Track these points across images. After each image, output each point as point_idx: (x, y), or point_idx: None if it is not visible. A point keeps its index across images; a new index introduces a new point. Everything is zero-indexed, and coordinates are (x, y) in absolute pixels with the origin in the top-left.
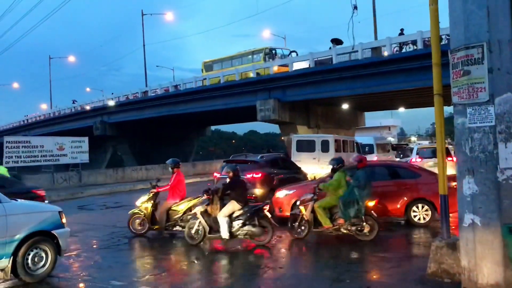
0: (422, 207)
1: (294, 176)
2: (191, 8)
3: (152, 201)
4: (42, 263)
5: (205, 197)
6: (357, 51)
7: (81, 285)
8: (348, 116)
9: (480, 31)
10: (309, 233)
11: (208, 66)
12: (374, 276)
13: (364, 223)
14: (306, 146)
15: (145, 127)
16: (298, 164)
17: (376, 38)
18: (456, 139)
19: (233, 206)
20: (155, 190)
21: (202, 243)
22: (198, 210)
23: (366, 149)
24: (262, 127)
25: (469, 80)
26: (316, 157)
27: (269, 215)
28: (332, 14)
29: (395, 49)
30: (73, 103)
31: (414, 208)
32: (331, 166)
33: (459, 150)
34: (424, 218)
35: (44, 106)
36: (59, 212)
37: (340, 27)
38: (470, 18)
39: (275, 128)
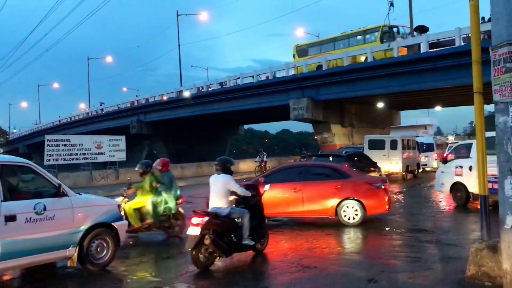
0: (352, 207)
1: (371, 168)
2: (224, 8)
3: None
4: (104, 253)
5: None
6: (392, 49)
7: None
8: (383, 115)
9: None
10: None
11: (301, 51)
12: (410, 278)
13: (173, 221)
14: (377, 145)
15: (180, 126)
16: None
17: (412, 35)
18: (497, 138)
19: None
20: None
21: None
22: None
23: (424, 147)
24: (295, 126)
25: None
26: (386, 154)
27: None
28: (367, 11)
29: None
30: (100, 105)
31: (344, 208)
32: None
33: (500, 150)
34: (353, 218)
35: (82, 106)
36: (118, 205)
37: (374, 24)
38: None
39: (308, 127)
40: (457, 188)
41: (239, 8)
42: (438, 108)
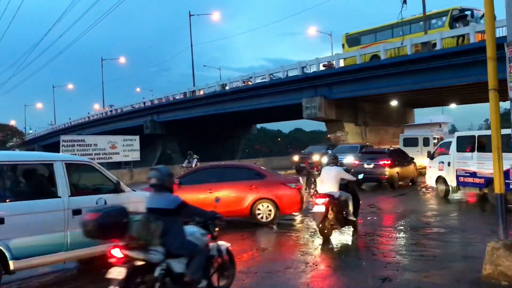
0: (267, 206)
1: (409, 163)
2: (237, 8)
3: None
4: None
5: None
6: (406, 45)
7: None
8: (396, 113)
9: None
10: None
11: (352, 40)
12: (425, 277)
13: None
14: (410, 142)
15: (193, 126)
16: None
17: (425, 32)
18: None
19: None
20: None
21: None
22: None
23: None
24: (308, 125)
25: None
26: (419, 150)
27: None
28: (380, 9)
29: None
30: (110, 107)
31: (259, 206)
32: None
33: None
34: (266, 217)
35: (96, 106)
36: None
37: (388, 22)
38: None
39: (321, 126)
40: (440, 182)
41: (252, 8)
42: (452, 105)
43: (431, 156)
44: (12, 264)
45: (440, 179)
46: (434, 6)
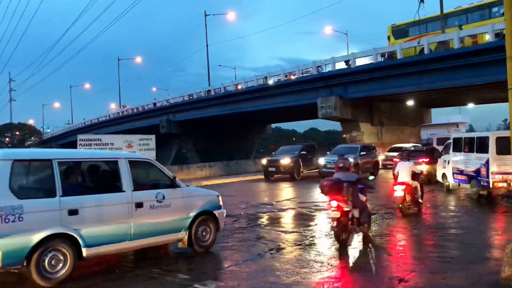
0: None
1: None
2: (252, 8)
3: None
4: (208, 237)
5: None
6: (423, 45)
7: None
8: (413, 113)
9: None
10: None
11: (399, 32)
12: (443, 279)
13: None
14: (444, 142)
15: (208, 125)
16: None
17: (443, 31)
18: None
19: None
20: None
21: None
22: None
23: None
24: (323, 125)
25: None
26: None
27: None
28: (397, 8)
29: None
30: (122, 108)
31: None
32: None
33: None
34: None
35: (113, 106)
36: (217, 195)
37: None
38: None
39: (336, 126)
40: (444, 178)
41: (267, 7)
42: (470, 105)
43: (439, 155)
44: (84, 252)
45: (444, 176)
46: (455, 3)
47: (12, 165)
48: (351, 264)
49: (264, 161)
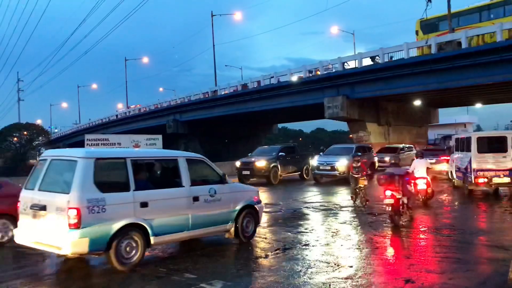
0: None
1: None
2: (258, 8)
3: None
4: (250, 228)
5: None
6: (430, 45)
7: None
8: (420, 113)
9: None
10: None
11: (428, 26)
12: (450, 280)
13: None
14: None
15: (215, 125)
16: None
17: (450, 31)
18: None
19: None
20: None
21: None
22: None
23: None
24: (329, 125)
25: None
26: None
27: None
28: (404, 8)
29: None
30: (128, 108)
31: None
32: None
33: None
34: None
35: (120, 106)
36: (257, 191)
37: (411, 21)
38: None
39: (343, 126)
40: (451, 175)
41: (273, 7)
42: (478, 105)
43: (449, 154)
44: (152, 240)
45: (450, 173)
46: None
47: (95, 162)
48: (358, 263)
49: (237, 163)
